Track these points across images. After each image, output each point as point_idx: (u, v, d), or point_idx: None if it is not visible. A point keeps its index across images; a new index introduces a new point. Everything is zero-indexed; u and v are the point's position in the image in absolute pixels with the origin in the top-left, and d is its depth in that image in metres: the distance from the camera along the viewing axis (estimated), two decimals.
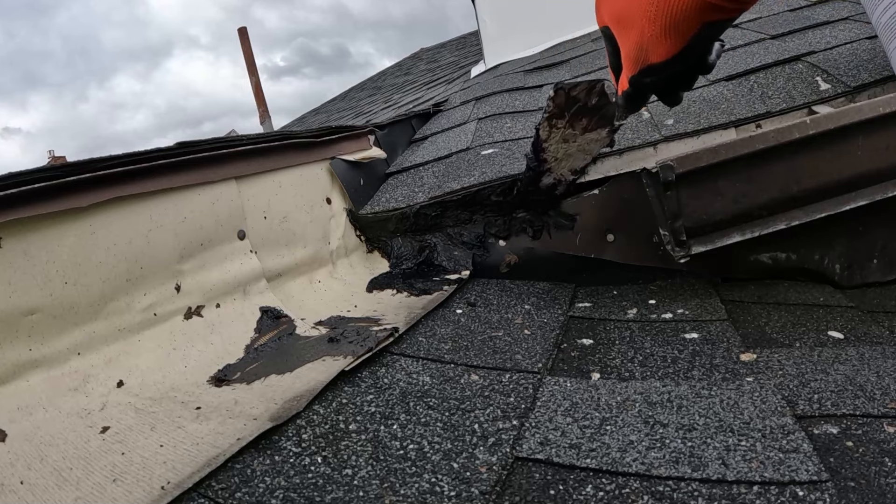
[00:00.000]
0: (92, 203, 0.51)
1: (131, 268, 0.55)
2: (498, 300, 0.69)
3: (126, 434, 0.44)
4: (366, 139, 0.98)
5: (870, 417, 0.39)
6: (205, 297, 0.61)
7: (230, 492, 0.37)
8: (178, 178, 0.60)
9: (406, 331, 0.60)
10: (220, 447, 0.40)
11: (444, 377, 0.51)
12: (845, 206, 0.60)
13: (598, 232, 0.72)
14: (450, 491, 0.36)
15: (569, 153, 0.72)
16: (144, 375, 0.52)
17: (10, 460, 0.40)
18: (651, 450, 0.37)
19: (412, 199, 0.84)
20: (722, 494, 0.33)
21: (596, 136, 0.70)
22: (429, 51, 4.85)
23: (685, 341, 0.54)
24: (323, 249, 0.80)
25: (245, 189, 0.69)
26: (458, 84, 1.87)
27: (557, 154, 0.72)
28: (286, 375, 0.52)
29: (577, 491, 0.35)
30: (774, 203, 0.61)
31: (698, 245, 0.63)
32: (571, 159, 0.73)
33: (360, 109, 3.11)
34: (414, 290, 0.73)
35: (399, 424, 0.44)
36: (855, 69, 0.83)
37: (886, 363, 0.46)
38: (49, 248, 0.49)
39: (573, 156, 0.72)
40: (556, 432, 0.41)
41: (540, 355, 0.54)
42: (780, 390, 0.43)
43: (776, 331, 0.55)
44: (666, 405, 0.43)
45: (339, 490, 0.37)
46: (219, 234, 0.64)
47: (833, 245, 0.65)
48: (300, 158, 0.80)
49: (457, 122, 1.19)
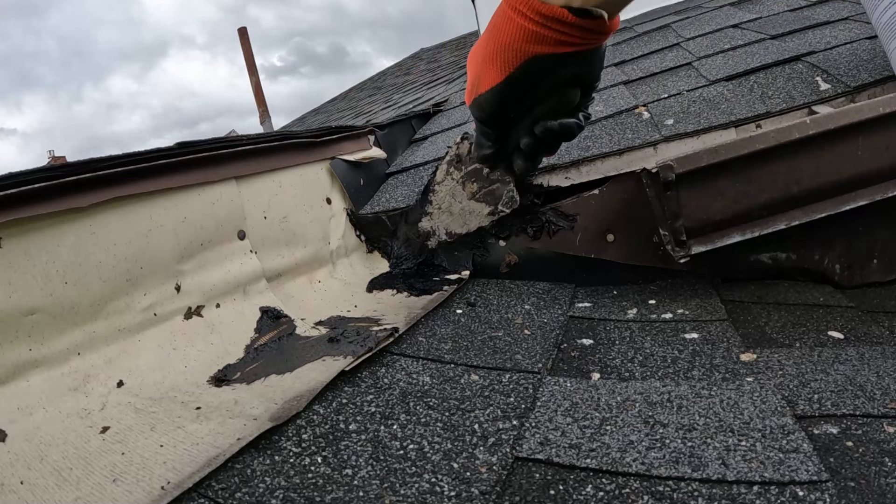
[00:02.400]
0: (92, 203, 0.51)
1: (131, 268, 0.55)
2: (498, 300, 0.69)
3: (126, 434, 0.44)
4: (366, 139, 0.98)
5: (870, 417, 0.39)
6: (205, 297, 0.61)
7: (230, 492, 0.37)
8: (178, 178, 0.60)
9: (406, 331, 0.60)
10: (220, 447, 0.40)
11: (444, 377, 0.51)
12: (845, 206, 0.60)
13: (598, 232, 0.72)
14: (450, 491, 0.36)
15: (451, 210, 0.69)
16: (144, 375, 0.52)
17: (10, 460, 0.40)
18: (651, 450, 0.37)
19: (412, 200, 0.84)
20: (722, 494, 0.33)
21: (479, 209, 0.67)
22: (429, 51, 4.85)
23: (685, 341, 0.54)
24: (323, 249, 0.80)
25: (245, 189, 0.69)
26: (458, 84, 1.87)
27: (442, 204, 0.69)
28: (286, 375, 0.52)
29: (577, 491, 0.35)
30: (774, 203, 0.61)
31: (698, 245, 0.63)
32: (451, 218, 0.70)
33: (360, 109, 3.11)
34: (414, 290, 0.73)
35: (399, 424, 0.44)
36: (855, 69, 0.83)
37: (886, 363, 0.46)
38: (49, 248, 0.49)
39: (454, 216, 0.69)
40: (556, 432, 0.41)
41: (540, 355, 0.54)
42: (780, 390, 0.43)
43: (776, 331, 0.55)
44: (666, 405, 0.43)
45: (339, 490, 0.37)
46: (219, 234, 0.64)
47: (833, 245, 0.65)
48: (300, 158, 0.80)
49: (457, 122, 1.19)
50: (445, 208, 0.70)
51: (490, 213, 0.67)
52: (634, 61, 1.19)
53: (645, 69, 1.12)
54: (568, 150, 0.85)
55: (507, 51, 0.45)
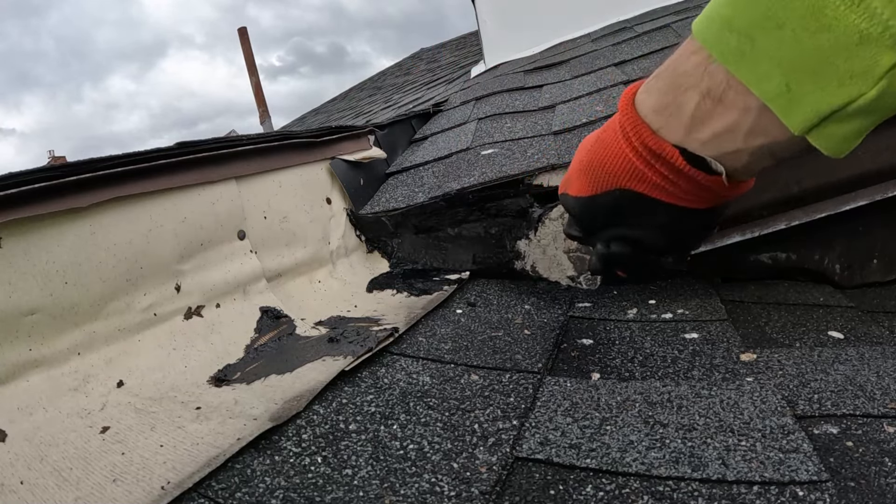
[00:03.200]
0: (92, 203, 0.51)
1: (131, 268, 0.55)
2: (498, 300, 0.69)
3: (126, 434, 0.44)
4: (366, 139, 0.98)
5: (870, 417, 0.39)
6: (205, 297, 0.61)
7: (230, 492, 0.37)
8: (178, 178, 0.60)
9: (406, 331, 0.60)
10: (221, 447, 0.40)
11: (444, 377, 0.51)
12: (845, 206, 0.60)
13: None
14: (450, 491, 0.36)
15: (546, 251, 0.72)
16: (144, 375, 0.52)
17: (10, 460, 0.40)
18: (651, 450, 0.37)
19: (412, 200, 0.84)
20: (722, 494, 0.33)
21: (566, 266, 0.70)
22: (429, 51, 4.85)
23: (685, 341, 0.54)
24: (323, 249, 0.80)
25: (245, 189, 0.69)
26: (458, 84, 1.87)
27: (542, 239, 0.72)
28: (286, 375, 0.52)
29: (577, 491, 0.35)
30: (774, 203, 0.61)
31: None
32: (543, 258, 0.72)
33: (360, 109, 3.11)
34: (414, 290, 0.73)
35: (399, 424, 0.44)
36: None
37: (886, 363, 0.46)
38: (49, 248, 0.48)
39: (546, 258, 0.72)
40: (556, 432, 0.41)
41: (540, 355, 0.54)
42: (780, 390, 0.43)
43: (776, 331, 0.55)
44: (666, 405, 0.43)
45: (339, 490, 0.37)
46: (219, 234, 0.64)
47: (833, 245, 0.65)
48: (300, 158, 0.80)
49: (457, 122, 1.19)
50: (543, 245, 0.71)
51: (570, 279, 0.68)
52: (634, 61, 1.19)
53: (645, 69, 1.12)
54: (568, 149, 0.85)
55: (602, 170, 0.39)
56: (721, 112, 0.31)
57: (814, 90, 0.26)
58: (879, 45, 0.23)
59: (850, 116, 0.26)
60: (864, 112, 0.26)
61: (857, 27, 0.24)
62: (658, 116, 0.35)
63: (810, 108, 0.27)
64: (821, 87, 0.26)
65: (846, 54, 0.24)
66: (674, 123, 0.34)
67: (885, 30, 0.23)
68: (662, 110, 0.34)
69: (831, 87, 0.25)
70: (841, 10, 0.24)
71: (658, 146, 0.35)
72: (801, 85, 0.26)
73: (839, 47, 0.24)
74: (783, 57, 0.26)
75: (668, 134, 0.34)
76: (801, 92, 0.26)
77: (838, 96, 0.26)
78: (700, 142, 0.33)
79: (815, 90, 0.26)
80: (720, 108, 0.31)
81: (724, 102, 0.31)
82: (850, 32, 0.24)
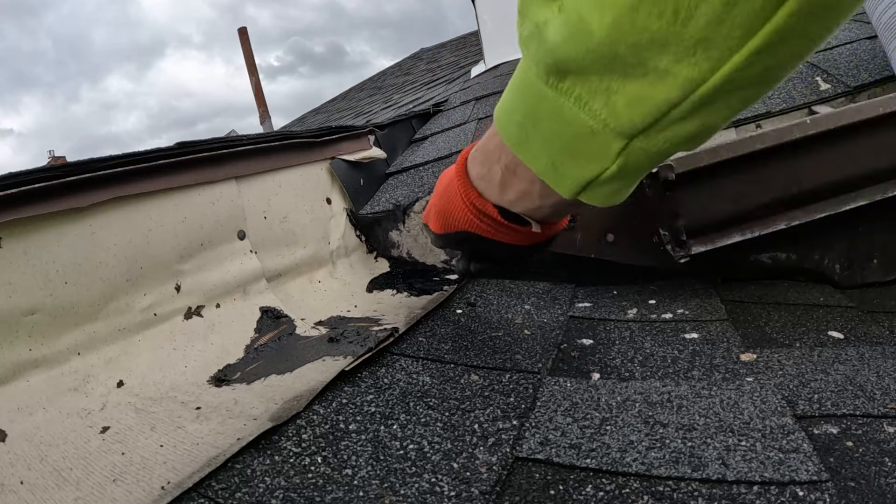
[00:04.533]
0: (92, 203, 0.51)
1: (131, 268, 0.55)
2: (498, 300, 0.69)
3: (126, 434, 0.44)
4: (366, 139, 0.98)
5: (870, 417, 0.39)
6: (205, 297, 0.61)
7: (230, 492, 0.37)
8: (178, 178, 0.60)
9: (406, 331, 0.60)
10: (220, 447, 0.40)
11: (445, 377, 0.51)
12: (845, 206, 0.60)
13: (598, 232, 0.72)
14: (450, 491, 0.36)
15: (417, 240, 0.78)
16: (144, 375, 0.52)
17: (10, 460, 0.40)
18: (651, 450, 0.37)
19: (412, 199, 0.84)
20: (722, 494, 0.33)
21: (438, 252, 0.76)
22: (429, 51, 4.85)
23: (685, 341, 0.54)
24: (323, 249, 0.80)
25: (245, 189, 0.69)
26: (458, 84, 1.87)
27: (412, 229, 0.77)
28: (286, 375, 0.52)
29: (577, 491, 0.35)
30: (774, 203, 0.61)
31: (698, 245, 0.63)
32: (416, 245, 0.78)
33: (360, 109, 3.11)
34: (414, 290, 0.73)
35: (399, 424, 0.44)
36: (855, 69, 0.83)
37: (886, 363, 0.46)
38: (49, 248, 0.49)
39: (418, 245, 0.77)
40: (557, 432, 0.41)
41: (540, 355, 0.54)
42: (780, 390, 0.43)
43: (776, 331, 0.55)
44: (666, 405, 0.43)
45: (339, 490, 0.37)
46: (219, 234, 0.64)
47: (833, 245, 0.65)
48: (300, 158, 0.80)
49: (457, 122, 1.19)
50: (413, 235, 0.77)
51: (444, 262, 0.74)
52: None
53: None
54: None
55: (449, 217, 0.47)
56: (517, 182, 0.39)
57: (572, 166, 0.33)
58: (605, 135, 0.29)
59: (606, 182, 0.33)
60: (616, 178, 0.32)
61: (587, 124, 0.30)
62: (480, 181, 0.43)
63: (572, 180, 0.34)
64: (577, 164, 0.32)
65: (587, 141, 0.30)
66: (490, 189, 0.42)
67: (605, 126, 0.29)
68: (481, 179, 0.43)
69: (583, 164, 0.32)
70: (574, 111, 0.30)
71: (482, 206, 0.43)
72: (562, 163, 0.33)
73: (580, 137, 0.31)
74: (546, 143, 0.33)
75: (489, 196, 0.43)
76: (564, 168, 0.33)
77: (590, 170, 0.32)
78: (509, 202, 0.41)
79: (574, 166, 0.33)
80: (515, 179, 0.39)
81: (517, 175, 0.39)
82: (583, 127, 0.30)
